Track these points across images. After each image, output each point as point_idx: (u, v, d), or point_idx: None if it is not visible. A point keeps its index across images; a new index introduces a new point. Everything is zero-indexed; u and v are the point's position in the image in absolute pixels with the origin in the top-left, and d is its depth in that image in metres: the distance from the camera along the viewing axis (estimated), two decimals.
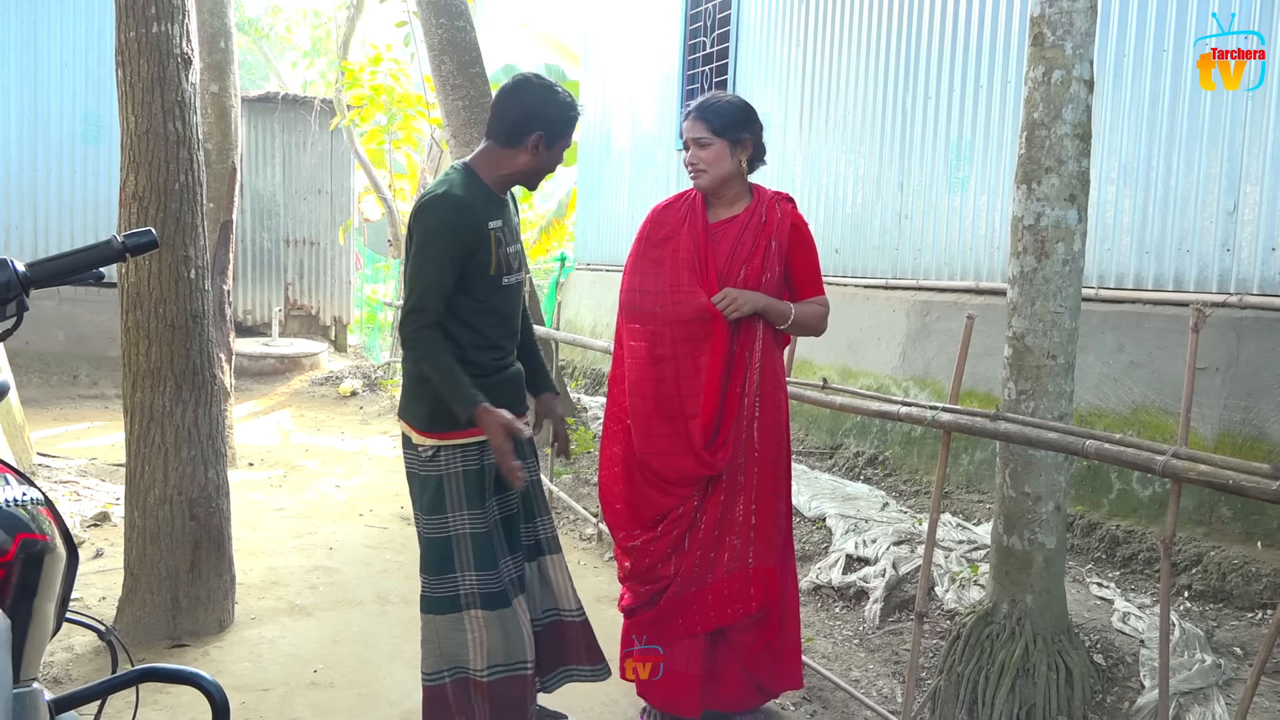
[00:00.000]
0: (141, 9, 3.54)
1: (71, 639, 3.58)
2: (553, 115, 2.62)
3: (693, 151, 2.94)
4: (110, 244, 1.64)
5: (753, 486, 2.94)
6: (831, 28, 7.05)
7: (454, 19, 7.08)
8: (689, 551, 2.94)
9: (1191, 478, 2.20)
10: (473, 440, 2.63)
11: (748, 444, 2.93)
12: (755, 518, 2.94)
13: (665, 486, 2.95)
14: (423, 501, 2.67)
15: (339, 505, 6.02)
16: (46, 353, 10.04)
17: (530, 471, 2.84)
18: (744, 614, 2.93)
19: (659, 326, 2.95)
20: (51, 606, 1.44)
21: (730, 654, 3.00)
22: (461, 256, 2.55)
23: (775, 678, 3.07)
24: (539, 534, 2.88)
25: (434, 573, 2.65)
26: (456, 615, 2.63)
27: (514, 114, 2.61)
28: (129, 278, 3.65)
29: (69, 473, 5.96)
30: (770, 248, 2.92)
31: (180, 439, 3.69)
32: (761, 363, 2.93)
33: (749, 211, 2.97)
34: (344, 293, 14.68)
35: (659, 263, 2.97)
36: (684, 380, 2.92)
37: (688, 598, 2.94)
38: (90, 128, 10.54)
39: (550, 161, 2.69)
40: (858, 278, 6.62)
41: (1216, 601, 3.76)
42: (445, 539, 2.64)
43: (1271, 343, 3.98)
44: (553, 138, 2.63)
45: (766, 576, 2.95)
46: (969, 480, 5.22)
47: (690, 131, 2.94)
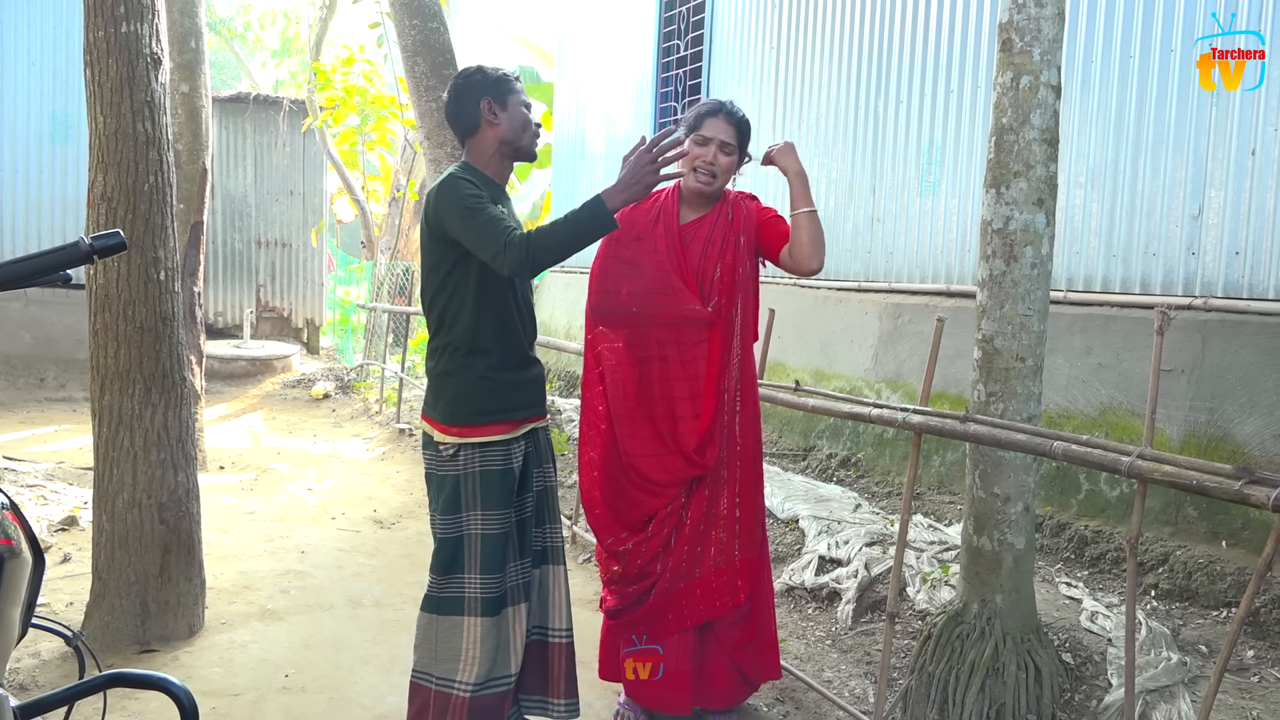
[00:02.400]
0: (110, 8, 3.51)
1: (38, 645, 3.53)
2: (484, 81, 2.64)
3: (714, 153, 2.90)
4: (78, 246, 1.63)
5: (736, 480, 2.97)
6: (805, 32, 7.09)
7: (427, 20, 7.06)
8: (675, 548, 2.96)
9: (1156, 478, 2.24)
10: (494, 439, 2.62)
11: (729, 438, 2.96)
12: (740, 510, 2.97)
13: (653, 488, 2.96)
14: (439, 502, 2.65)
15: (311, 509, 5.98)
16: (13, 355, 9.91)
17: (545, 477, 2.84)
18: (733, 606, 2.96)
19: (642, 328, 2.95)
20: (16, 612, 1.43)
21: (719, 648, 3.03)
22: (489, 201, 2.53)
23: (758, 669, 3.11)
24: (546, 542, 2.87)
25: (442, 573, 2.64)
26: (458, 619, 2.61)
27: (457, 105, 2.66)
28: (97, 279, 3.61)
29: (36, 476, 5.88)
30: (739, 243, 2.95)
31: (149, 442, 3.66)
32: (741, 358, 2.97)
33: (716, 211, 3.00)
34: (316, 295, 14.59)
35: (633, 263, 2.97)
36: (673, 382, 2.94)
37: (676, 593, 2.96)
38: (58, 127, 10.41)
39: (517, 119, 2.66)
40: (830, 281, 6.66)
41: (1182, 600, 3.82)
42: (458, 539, 2.62)
43: (1235, 345, 4.05)
44: (500, 96, 2.63)
45: (751, 567, 2.99)
46: (940, 481, 5.27)
47: (718, 131, 2.89)
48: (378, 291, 12.87)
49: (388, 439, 8.32)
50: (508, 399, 2.66)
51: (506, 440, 2.64)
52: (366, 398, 10.50)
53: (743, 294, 2.96)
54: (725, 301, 2.94)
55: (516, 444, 2.68)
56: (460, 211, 2.49)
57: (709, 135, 2.90)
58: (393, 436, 8.31)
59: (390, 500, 6.25)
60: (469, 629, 2.60)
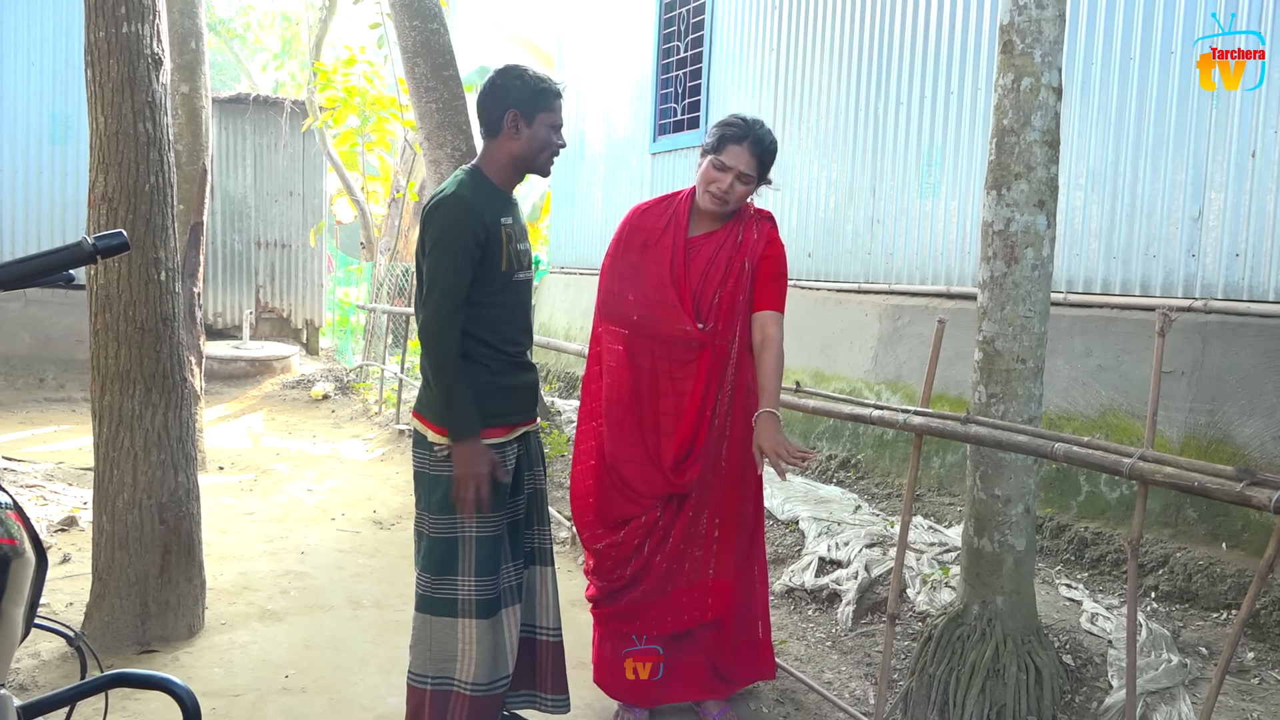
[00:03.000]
0: (111, 9, 3.51)
1: (38, 645, 3.53)
2: (520, 92, 2.60)
3: (731, 182, 2.84)
4: (81, 246, 1.63)
5: (718, 500, 2.97)
6: (805, 33, 7.09)
7: (428, 21, 7.06)
8: (654, 562, 2.97)
9: (1158, 480, 2.24)
10: (490, 442, 2.62)
11: (715, 461, 2.95)
12: (719, 530, 2.98)
13: (630, 494, 2.98)
14: (431, 501, 2.65)
15: (310, 509, 5.98)
16: (12, 355, 9.90)
17: (536, 480, 2.85)
18: (699, 621, 2.99)
19: (639, 337, 2.96)
20: (20, 611, 1.43)
21: (694, 646, 3.05)
22: (475, 251, 2.53)
23: (734, 668, 3.10)
24: (536, 543, 2.87)
25: (435, 573, 2.63)
26: (451, 620, 2.61)
27: (487, 103, 2.63)
28: (98, 280, 3.61)
29: (35, 477, 5.88)
30: (744, 269, 2.92)
31: (150, 443, 3.65)
32: (735, 387, 2.94)
33: (726, 230, 2.95)
34: (316, 295, 14.58)
35: (637, 268, 2.97)
36: (661, 397, 2.94)
37: (648, 605, 2.99)
38: (58, 128, 10.41)
39: (538, 140, 2.64)
40: (830, 282, 6.66)
41: (1183, 602, 3.82)
42: (451, 540, 2.62)
43: (1236, 347, 4.05)
44: (529, 113, 2.61)
45: (724, 589, 2.99)
46: (940, 483, 5.27)
47: (738, 162, 2.83)
48: (377, 292, 12.87)
49: (387, 440, 8.31)
50: (502, 403, 2.67)
51: (500, 444, 2.65)
52: (366, 399, 10.49)
53: (742, 321, 2.93)
54: (722, 327, 2.92)
55: (510, 447, 2.70)
56: (435, 243, 2.53)
57: (729, 164, 2.84)
58: (392, 437, 8.31)
59: (390, 501, 6.25)
60: (463, 630, 2.61)
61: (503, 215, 2.62)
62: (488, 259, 2.57)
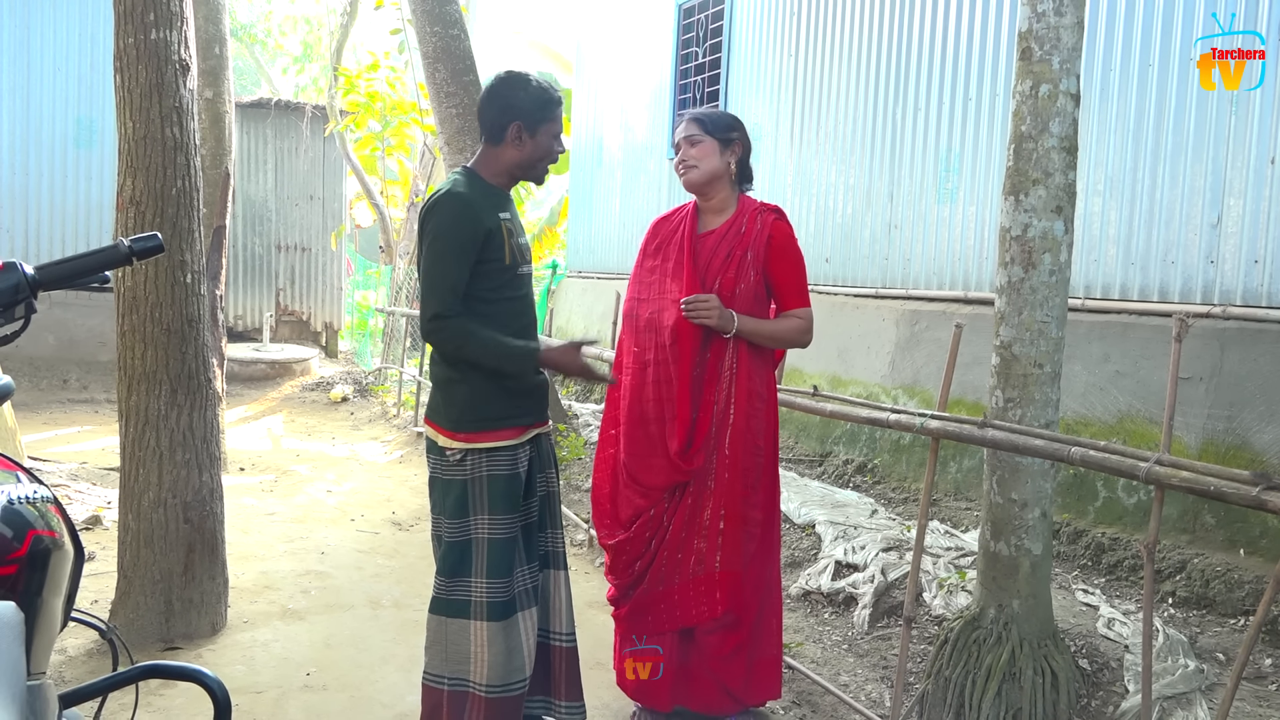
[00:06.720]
0: (140, 15, 3.57)
1: (65, 642, 3.58)
2: (524, 104, 2.63)
3: (683, 150, 3.03)
4: (117, 248, 1.67)
5: (722, 492, 2.98)
6: (823, 39, 7.11)
7: (448, 27, 7.12)
8: (656, 552, 3.01)
9: (1174, 484, 2.24)
10: (501, 444, 2.64)
11: (718, 450, 2.98)
12: (724, 523, 2.98)
13: (639, 487, 3.03)
14: (446, 505, 2.67)
15: (330, 510, 6.04)
16: (37, 356, 10.02)
17: (549, 482, 2.87)
18: (709, 617, 2.98)
19: (647, 334, 3.05)
20: (60, 602, 1.47)
21: (699, 655, 3.04)
22: (474, 251, 2.56)
23: (748, 688, 3.07)
24: (549, 546, 2.89)
25: (449, 575, 2.66)
26: (464, 622, 2.63)
27: (490, 111, 2.66)
28: (125, 282, 3.66)
29: (60, 476, 5.96)
30: (745, 258, 2.99)
31: (175, 443, 3.71)
32: (736, 373, 2.97)
33: (729, 223, 3.04)
34: (335, 299, 14.68)
35: (654, 272, 3.09)
36: (661, 385, 3.01)
37: (655, 596, 3.01)
38: (83, 132, 10.54)
39: (540, 150, 2.68)
40: (848, 287, 6.67)
41: (1200, 608, 3.81)
42: (465, 542, 2.64)
43: (1254, 353, 4.04)
44: (532, 125, 2.64)
45: (732, 581, 2.97)
46: (957, 488, 5.27)
47: (683, 133, 3.04)
48: (395, 296, 12.95)
49: (405, 442, 8.37)
50: (514, 406, 2.69)
51: (513, 446, 2.67)
52: (384, 401, 10.56)
53: (740, 308, 2.95)
54: None
55: (522, 449, 2.71)
56: (432, 242, 2.56)
57: (678, 140, 3.07)
58: (410, 439, 8.37)
59: (408, 502, 6.30)
60: (475, 632, 2.62)
61: (500, 211, 2.66)
62: (491, 255, 2.60)
